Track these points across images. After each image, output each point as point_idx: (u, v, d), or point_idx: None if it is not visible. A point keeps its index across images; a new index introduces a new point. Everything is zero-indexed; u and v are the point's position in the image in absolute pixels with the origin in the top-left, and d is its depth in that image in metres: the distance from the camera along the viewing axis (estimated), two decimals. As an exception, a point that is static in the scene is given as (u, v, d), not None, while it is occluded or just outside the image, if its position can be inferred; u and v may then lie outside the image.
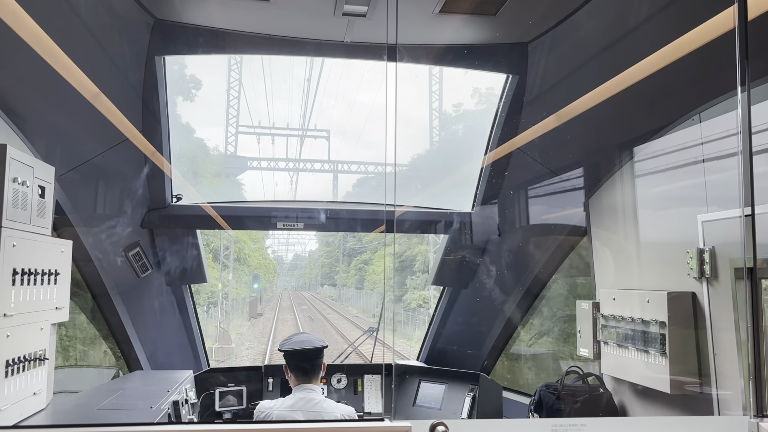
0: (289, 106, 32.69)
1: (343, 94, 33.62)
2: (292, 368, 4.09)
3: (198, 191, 7.79)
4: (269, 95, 35.41)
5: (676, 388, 3.43)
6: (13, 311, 3.17)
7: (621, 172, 4.22)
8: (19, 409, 3.32)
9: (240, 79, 25.97)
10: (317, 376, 4.10)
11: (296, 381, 4.06)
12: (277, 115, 34.09)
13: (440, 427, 1.81)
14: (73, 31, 3.48)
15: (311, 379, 4.06)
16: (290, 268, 68.55)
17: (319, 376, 4.14)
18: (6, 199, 3.13)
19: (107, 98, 3.91)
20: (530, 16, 3.90)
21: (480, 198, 5.54)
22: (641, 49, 3.39)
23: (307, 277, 68.19)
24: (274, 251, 56.79)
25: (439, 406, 5.71)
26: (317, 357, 4.12)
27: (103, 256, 4.81)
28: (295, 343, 4.14)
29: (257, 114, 30.69)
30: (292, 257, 67.86)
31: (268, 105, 35.98)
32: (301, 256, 69.15)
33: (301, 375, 4.06)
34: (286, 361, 4.14)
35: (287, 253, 65.26)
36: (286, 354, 4.11)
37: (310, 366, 4.07)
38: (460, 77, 19.71)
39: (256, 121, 30.97)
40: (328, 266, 58.26)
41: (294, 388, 4.06)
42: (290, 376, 4.12)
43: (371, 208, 5.92)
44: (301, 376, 4.06)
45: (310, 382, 4.05)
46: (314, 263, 64.83)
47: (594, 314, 4.24)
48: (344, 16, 3.76)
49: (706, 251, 3.31)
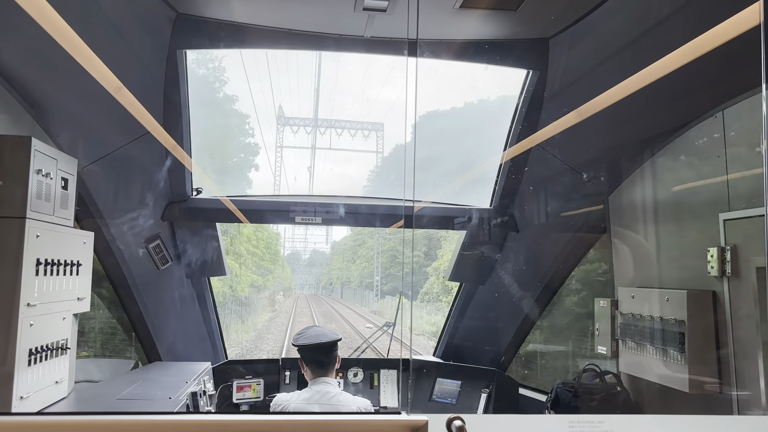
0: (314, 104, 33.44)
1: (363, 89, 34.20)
2: (308, 362, 4.12)
3: (217, 185, 7.83)
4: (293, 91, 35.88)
5: (695, 387, 3.40)
6: (36, 301, 3.23)
7: (641, 169, 4.18)
8: (42, 397, 3.38)
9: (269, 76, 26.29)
10: (332, 369, 4.13)
11: (312, 375, 4.09)
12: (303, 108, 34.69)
13: (457, 421, 1.81)
14: (97, 25, 3.51)
15: (327, 372, 4.09)
16: (307, 265, 60.52)
17: (335, 369, 4.16)
18: (30, 191, 3.18)
19: (129, 92, 3.94)
20: (551, 11, 3.87)
21: (499, 194, 5.52)
22: (663, 45, 3.35)
23: (333, 275, 56.92)
24: (290, 246, 50.43)
25: (455, 401, 5.71)
26: (332, 350, 4.14)
27: (125, 248, 4.87)
28: (310, 337, 4.17)
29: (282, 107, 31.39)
30: (310, 254, 59.20)
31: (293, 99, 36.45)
32: (320, 251, 59.62)
33: (317, 368, 4.08)
34: (301, 355, 4.17)
35: (305, 249, 56.56)
36: (301, 348, 4.14)
37: (325, 359, 4.10)
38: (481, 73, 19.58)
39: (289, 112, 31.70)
40: (365, 260, 46.36)
41: (310, 382, 4.09)
42: (306, 370, 4.14)
43: (390, 203, 5.92)
44: (317, 369, 4.08)
45: (326, 375, 4.07)
46: (344, 253, 53.14)
47: (612, 312, 4.21)
48: (364, 11, 3.76)
49: (727, 250, 3.27)
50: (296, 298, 47.76)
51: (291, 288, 51.57)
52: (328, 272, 59.17)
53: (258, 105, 32.86)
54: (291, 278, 52.35)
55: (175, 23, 3.93)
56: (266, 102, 34.57)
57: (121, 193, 4.87)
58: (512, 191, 5.47)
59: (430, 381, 5.94)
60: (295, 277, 56.72)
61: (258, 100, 33.03)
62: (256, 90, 34.67)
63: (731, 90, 3.28)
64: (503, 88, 4.82)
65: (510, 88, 4.68)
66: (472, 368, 5.85)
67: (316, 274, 61.92)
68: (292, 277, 53.17)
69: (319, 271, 61.48)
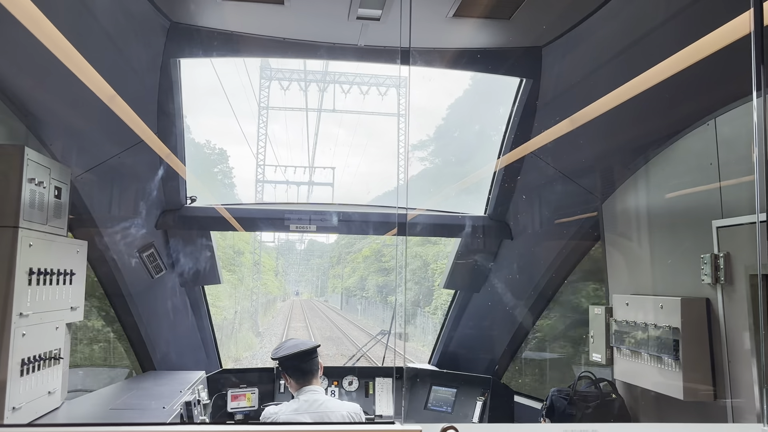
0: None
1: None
2: (290, 373, 4.12)
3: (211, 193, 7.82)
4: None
5: (689, 394, 3.40)
6: (29, 311, 3.21)
7: (635, 176, 4.19)
8: (34, 408, 3.36)
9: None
10: (316, 375, 4.13)
11: (297, 385, 4.09)
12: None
13: (451, 431, 1.81)
14: (90, 34, 3.51)
15: (311, 380, 4.09)
16: (304, 258, 47.00)
17: (318, 376, 4.17)
18: (23, 200, 3.17)
19: (123, 100, 3.94)
20: (544, 20, 3.89)
21: (493, 202, 5.53)
22: (656, 53, 3.37)
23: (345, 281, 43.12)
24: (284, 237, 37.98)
25: (450, 409, 5.70)
26: (312, 357, 4.15)
27: (118, 257, 4.85)
28: (288, 348, 4.17)
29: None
30: (307, 243, 45.56)
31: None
32: (318, 242, 46.56)
33: (301, 377, 4.09)
34: (283, 368, 4.16)
35: (302, 238, 43.72)
36: (281, 361, 4.13)
37: (306, 367, 4.11)
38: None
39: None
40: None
41: (296, 393, 4.08)
42: (290, 382, 4.14)
43: (384, 211, 5.93)
44: (300, 378, 4.09)
45: (310, 384, 4.07)
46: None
47: (607, 319, 4.22)
48: (358, 19, 3.77)
49: (720, 257, 3.29)
50: (290, 308, 40.12)
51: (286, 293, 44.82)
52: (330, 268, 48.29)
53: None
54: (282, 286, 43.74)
55: (168, 32, 3.94)
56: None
57: (115, 201, 4.86)
58: (506, 199, 5.48)
59: (425, 389, 5.93)
60: (289, 272, 46.58)
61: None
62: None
63: (723, 98, 3.30)
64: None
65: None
66: (467, 376, 5.84)
67: (316, 269, 50.54)
68: (283, 286, 44.28)
69: (319, 264, 50.00)
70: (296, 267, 48.46)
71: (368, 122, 38.25)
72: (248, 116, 31.52)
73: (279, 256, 41.32)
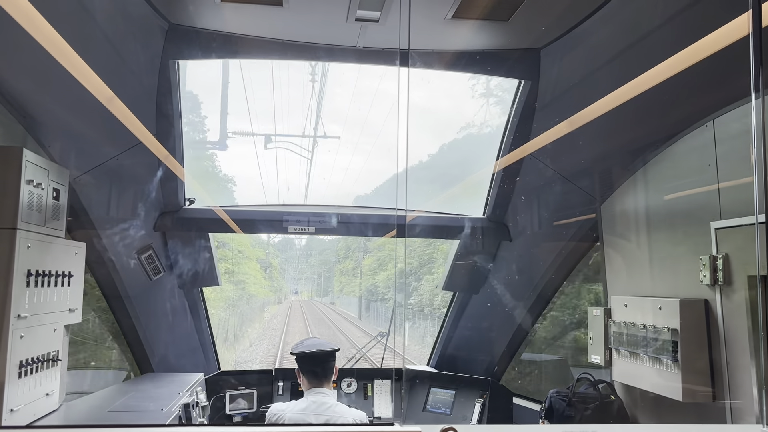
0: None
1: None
2: (305, 372, 4.11)
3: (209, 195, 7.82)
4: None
5: (688, 396, 3.40)
6: (27, 312, 3.20)
7: (634, 178, 4.20)
8: (32, 410, 3.35)
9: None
10: (329, 379, 4.12)
11: (309, 384, 4.08)
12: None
13: (450, 432, 1.80)
14: (89, 35, 3.51)
15: (323, 382, 4.08)
16: (303, 254, 42.65)
17: (331, 380, 4.15)
18: (21, 201, 3.17)
19: (121, 102, 3.94)
20: (543, 21, 3.90)
21: (491, 203, 5.53)
22: (654, 55, 3.38)
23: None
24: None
25: (449, 411, 5.70)
26: (328, 360, 4.13)
27: (116, 259, 4.85)
28: (307, 346, 4.16)
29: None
30: (306, 240, 40.88)
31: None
32: (317, 238, 41.63)
33: (313, 378, 4.07)
34: (298, 364, 4.16)
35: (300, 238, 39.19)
36: (298, 357, 4.13)
37: (321, 369, 4.09)
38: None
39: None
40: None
41: (306, 392, 4.07)
42: (302, 380, 4.13)
43: (382, 212, 5.93)
44: (313, 379, 4.07)
45: (321, 386, 4.06)
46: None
47: (605, 321, 4.22)
48: (357, 21, 3.77)
49: (719, 258, 3.29)
50: (289, 310, 36.58)
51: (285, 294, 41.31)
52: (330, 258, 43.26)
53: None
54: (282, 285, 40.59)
55: (167, 33, 3.94)
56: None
57: (113, 203, 4.85)
58: (505, 200, 5.48)
59: (424, 391, 5.93)
60: (288, 270, 42.76)
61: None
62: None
63: (721, 99, 3.31)
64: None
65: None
66: (466, 378, 5.84)
67: (317, 266, 45.84)
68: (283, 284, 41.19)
69: (319, 261, 45.18)
70: (295, 264, 44.51)
71: (368, 122, 37.60)
72: (246, 116, 31.44)
73: (276, 252, 37.59)
